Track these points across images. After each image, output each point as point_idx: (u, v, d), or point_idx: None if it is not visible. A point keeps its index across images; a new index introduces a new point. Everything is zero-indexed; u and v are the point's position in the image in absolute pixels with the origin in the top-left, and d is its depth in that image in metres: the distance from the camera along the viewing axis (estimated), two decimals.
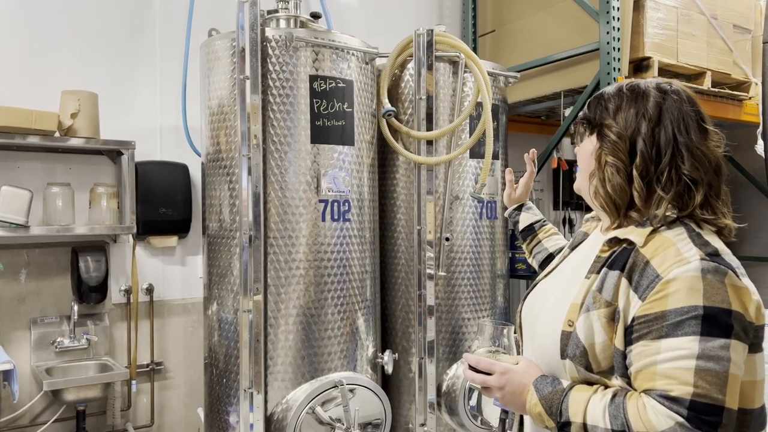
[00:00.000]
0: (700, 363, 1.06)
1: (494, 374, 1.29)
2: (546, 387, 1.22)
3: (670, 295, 1.10)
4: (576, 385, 1.21)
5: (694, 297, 1.09)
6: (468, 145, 2.85)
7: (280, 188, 2.47)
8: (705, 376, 1.05)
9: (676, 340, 1.08)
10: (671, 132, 1.22)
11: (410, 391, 2.85)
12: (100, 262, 2.95)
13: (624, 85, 1.32)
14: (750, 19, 3.66)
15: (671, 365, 1.07)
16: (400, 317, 2.91)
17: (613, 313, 1.17)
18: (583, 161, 1.35)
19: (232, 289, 2.52)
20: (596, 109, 1.32)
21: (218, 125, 2.58)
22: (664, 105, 1.24)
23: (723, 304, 1.08)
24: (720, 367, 1.06)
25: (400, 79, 2.90)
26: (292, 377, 2.47)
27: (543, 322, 1.32)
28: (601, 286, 1.21)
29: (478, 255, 2.96)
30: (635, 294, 1.15)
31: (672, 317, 1.09)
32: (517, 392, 1.26)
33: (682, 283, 1.10)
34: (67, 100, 2.79)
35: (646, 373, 1.10)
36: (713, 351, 1.06)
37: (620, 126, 1.25)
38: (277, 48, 2.47)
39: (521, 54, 3.73)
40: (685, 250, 1.15)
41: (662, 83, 1.29)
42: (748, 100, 3.67)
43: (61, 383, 2.72)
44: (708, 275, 1.10)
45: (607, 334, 1.17)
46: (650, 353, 1.10)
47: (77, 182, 2.96)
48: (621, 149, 1.24)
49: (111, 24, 3.14)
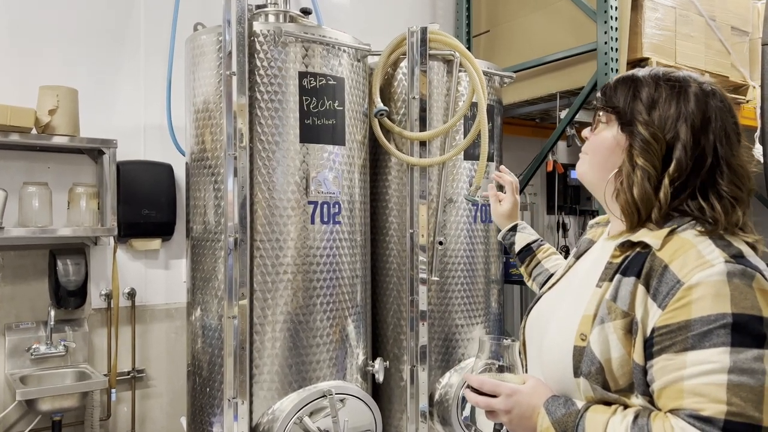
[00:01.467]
0: (733, 377, 0.95)
1: (500, 396, 1.17)
2: (559, 409, 1.11)
3: (693, 302, 1.00)
4: (592, 406, 1.09)
5: (721, 304, 0.99)
6: (462, 147, 2.77)
7: (267, 189, 2.38)
8: (739, 392, 0.95)
9: (703, 353, 0.98)
10: (713, 142, 1.12)
11: (401, 400, 2.76)
12: (80, 265, 2.84)
13: (660, 74, 1.19)
14: (748, 21, 3.62)
15: (700, 381, 0.97)
16: (391, 324, 2.82)
17: (630, 324, 1.07)
18: (599, 152, 1.22)
19: (217, 294, 2.42)
20: (627, 97, 1.18)
21: (203, 123, 2.48)
22: (708, 110, 1.13)
23: (753, 311, 0.98)
24: (755, 381, 0.95)
25: (393, 78, 2.82)
26: (279, 386, 2.38)
27: (552, 336, 1.21)
28: (616, 295, 1.10)
29: (472, 259, 2.88)
30: (654, 302, 1.05)
31: (698, 327, 0.99)
32: (526, 415, 1.15)
33: (706, 289, 1.00)
34: (44, 95, 2.68)
35: (671, 391, 1.00)
36: (746, 363, 0.96)
37: (657, 126, 1.13)
38: (266, 43, 2.38)
39: (516, 55, 3.66)
40: (707, 252, 1.04)
41: (704, 82, 1.18)
42: (745, 104, 3.63)
43: (35, 392, 2.61)
44: (735, 279, 1.00)
45: (624, 348, 1.07)
46: (675, 368, 1.00)
47: (55, 182, 2.85)
48: (655, 153, 1.12)
49: (93, 18, 3.04)
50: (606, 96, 1.23)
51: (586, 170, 1.27)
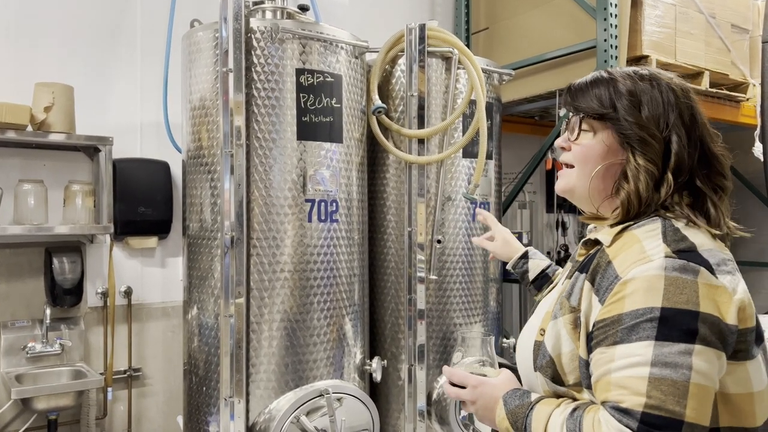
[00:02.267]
0: (655, 371, 0.95)
1: (468, 387, 1.24)
2: (514, 401, 1.15)
3: (627, 296, 1.00)
4: (543, 399, 1.13)
5: (651, 297, 0.98)
6: (461, 144, 2.76)
7: (264, 187, 2.36)
8: (659, 386, 0.94)
9: (630, 346, 0.98)
10: (701, 133, 1.14)
11: (399, 399, 2.75)
12: (76, 263, 2.83)
13: (631, 72, 1.19)
14: (748, 19, 3.60)
15: (624, 373, 0.97)
16: (389, 322, 2.81)
17: (576, 319, 1.09)
18: (589, 161, 1.18)
19: (213, 293, 2.40)
20: (610, 100, 1.16)
21: (200, 121, 2.46)
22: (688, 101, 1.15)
23: (687, 305, 0.97)
24: (678, 376, 0.94)
25: (391, 75, 2.80)
26: (276, 385, 2.36)
27: (523, 332, 1.25)
28: (571, 291, 1.12)
29: (471, 258, 2.86)
30: (596, 297, 1.06)
31: (627, 320, 0.99)
32: (489, 406, 1.20)
33: (640, 283, 1.00)
34: (40, 92, 2.65)
35: (602, 383, 1.01)
36: (670, 357, 0.95)
37: (651, 124, 1.12)
38: (262, 40, 2.36)
39: (515, 52, 3.64)
40: (650, 247, 1.04)
41: (672, 76, 1.19)
42: (745, 102, 3.62)
43: (30, 391, 2.59)
44: (673, 273, 0.99)
45: (573, 342, 1.09)
46: (606, 361, 1.01)
47: (51, 179, 2.84)
48: (656, 152, 1.11)
49: (89, 14, 3.02)
50: (578, 101, 1.20)
51: (575, 183, 1.21)
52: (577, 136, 1.19)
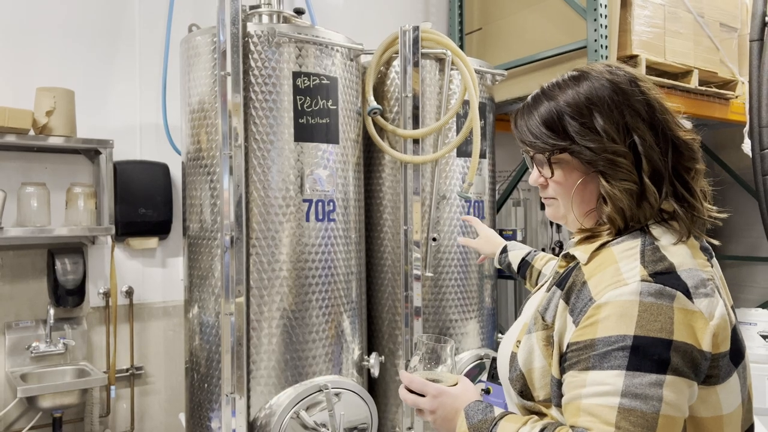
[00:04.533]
0: (625, 401, 0.94)
1: (427, 396, 1.17)
2: (476, 414, 1.11)
3: (600, 321, 0.99)
4: (508, 415, 1.10)
5: (624, 325, 0.97)
6: (455, 144, 2.81)
7: (262, 188, 2.41)
8: (629, 417, 0.93)
9: (601, 374, 0.97)
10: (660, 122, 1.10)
11: (397, 394, 2.79)
12: (78, 264, 2.87)
13: (569, 78, 1.14)
14: (736, 18, 3.65)
15: (594, 401, 0.97)
16: (386, 319, 2.86)
17: (550, 337, 1.07)
18: (568, 191, 1.15)
19: (214, 292, 2.45)
20: (562, 127, 1.11)
21: (199, 123, 2.51)
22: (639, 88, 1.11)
23: (661, 334, 0.96)
24: (648, 408, 0.93)
25: (386, 77, 2.85)
26: (276, 381, 2.41)
27: (505, 338, 1.23)
28: (547, 306, 1.11)
29: (466, 255, 2.92)
30: (570, 317, 1.04)
31: (600, 347, 0.98)
32: (449, 417, 1.15)
33: (613, 308, 0.98)
34: (42, 97, 2.70)
35: (572, 407, 1.00)
36: (640, 389, 0.94)
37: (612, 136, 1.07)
38: (260, 44, 2.41)
39: (508, 52, 3.69)
40: (626, 269, 1.02)
41: (611, 67, 1.14)
42: (734, 99, 3.67)
43: (36, 389, 2.64)
44: (648, 298, 0.98)
45: (545, 359, 1.07)
46: (577, 385, 1.00)
47: (53, 182, 2.88)
48: (626, 166, 1.07)
49: (89, 19, 3.06)
50: (534, 139, 1.15)
51: (563, 213, 1.20)
52: (551, 173, 1.16)
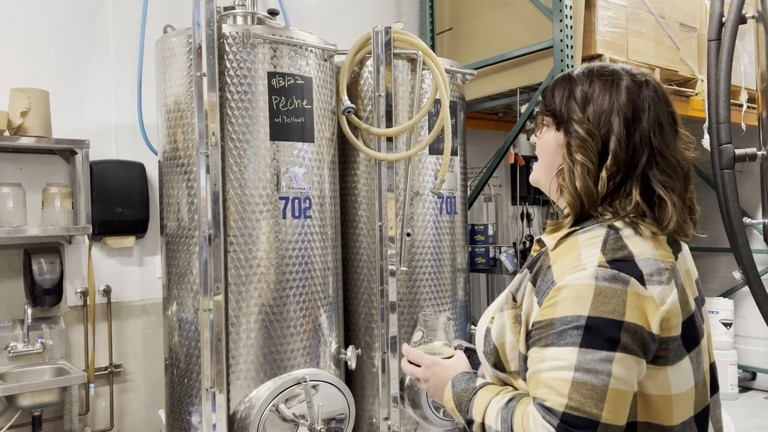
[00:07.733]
0: (578, 375, 1.03)
1: (422, 366, 1.32)
2: (461, 384, 1.24)
3: (559, 302, 1.07)
4: (487, 385, 1.21)
5: (579, 306, 1.05)
6: (427, 142, 2.89)
7: (239, 186, 2.46)
8: (580, 389, 1.02)
9: (558, 350, 1.06)
10: (647, 132, 1.15)
11: (374, 385, 2.87)
12: (55, 263, 2.88)
13: (595, 69, 1.21)
14: (696, 18, 3.80)
15: (551, 375, 1.06)
16: (362, 313, 2.93)
17: (518, 315, 1.17)
18: (545, 155, 1.25)
19: (192, 289, 2.49)
20: (563, 97, 1.21)
21: (175, 123, 2.55)
22: (640, 101, 1.16)
23: (613, 315, 1.04)
24: (598, 381, 1.02)
25: (359, 77, 2.91)
26: (255, 375, 2.46)
27: (483, 315, 1.32)
28: (518, 286, 1.19)
29: (439, 250, 3.00)
30: (536, 298, 1.13)
31: (558, 326, 1.06)
32: (440, 386, 1.29)
33: (571, 291, 1.07)
34: (16, 98, 2.71)
35: (533, 380, 1.09)
36: (591, 364, 1.03)
37: (592, 122, 1.16)
38: (235, 45, 2.45)
39: (478, 52, 3.78)
40: (586, 255, 1.09)
41: (637, 74, 1.20)
42: (694, 96, 3.81)
43: (15, 388, 2.65)
44: (603, 283, 1.05)
45: (514, 335, 1.17)
46: (538, 360, 1.09)
47: (29, 182, 2.89)
48: (591, 148, 1.15)
49: (63, 20, 3.06)
50: (545, 99, 1.26)
51: (538, 176, 1.29)
52: (540, 130, 1.26)
